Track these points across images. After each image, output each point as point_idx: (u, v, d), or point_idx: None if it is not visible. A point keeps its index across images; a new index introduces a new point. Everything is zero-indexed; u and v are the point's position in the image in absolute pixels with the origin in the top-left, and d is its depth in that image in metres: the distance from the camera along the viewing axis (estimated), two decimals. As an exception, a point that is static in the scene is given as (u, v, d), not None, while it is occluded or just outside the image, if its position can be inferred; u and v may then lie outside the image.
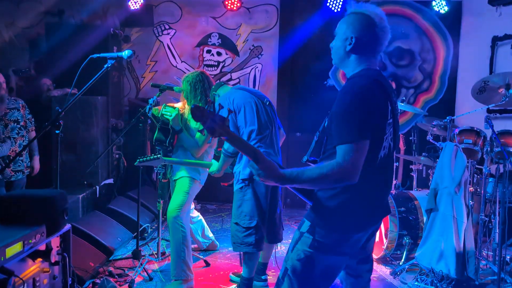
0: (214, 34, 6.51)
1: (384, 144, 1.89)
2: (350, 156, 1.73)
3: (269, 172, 1.79)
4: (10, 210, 1.95)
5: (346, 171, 1.73)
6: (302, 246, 1.91)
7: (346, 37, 1.93)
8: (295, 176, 1.79)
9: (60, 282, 2.08)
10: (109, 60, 2.88)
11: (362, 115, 1.77)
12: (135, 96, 6.56)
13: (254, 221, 3.20)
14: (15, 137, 4.10)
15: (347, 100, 1.80)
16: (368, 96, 1.80)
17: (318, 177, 1.76)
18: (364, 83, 1.84)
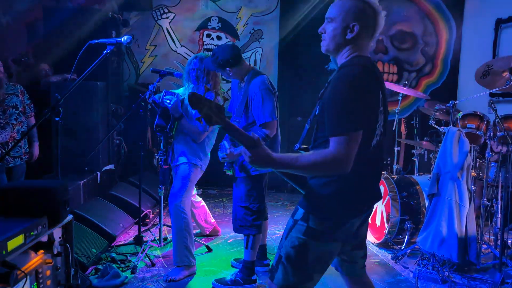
0: (214, 17, 6.42)
1: (377, 132, 1.90)
2: (343, 147, 1.72)
3: (262, 158, 1.79)
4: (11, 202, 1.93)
5: (339, 162, 1.73)
6: (296, 234, 1.93)
7: (347, 25, 1.87)
8: (288, 162, 1.79)
9: (63, 273, 2.08)
10: (108, 46, 2.84)
11: (356, 106, 1.76)
12: (135, 81, 6.51)
13: (263, 205, 3.32)
14: (14, 123, 4.07)
15: (340, 90, 1.78)
16: (361, 86, 1.79)
17: (311, 165, 1.76)
18: (356, 72, 1.81)
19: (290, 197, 6.11)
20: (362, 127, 1.76)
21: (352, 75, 1.80)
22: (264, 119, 3.11)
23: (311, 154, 1.79)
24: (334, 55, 1.97)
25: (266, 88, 3.14)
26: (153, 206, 5.07)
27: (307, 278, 1.97)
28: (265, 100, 3.12)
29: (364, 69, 1.83)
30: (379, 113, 1.88)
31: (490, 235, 4.10)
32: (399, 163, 5.14)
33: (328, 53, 1.98)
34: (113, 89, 5.63)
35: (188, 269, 3.54)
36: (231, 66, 3.20)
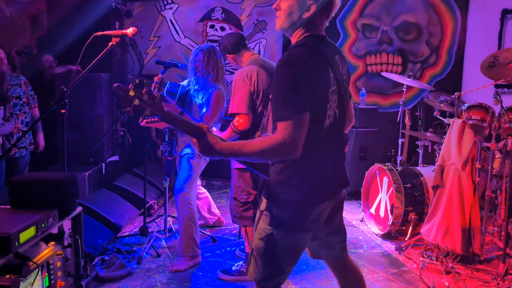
0: (218, 8, 6.39)
1: (329, 112, 1.82)
2: (289, 131, 1.67)
3: (208, 148, 1.75)
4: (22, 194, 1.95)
5: (285, 146, 1.68)
6: (263, 225, 1.89)
7: (303, 3, 1.81)
8: (236, 150, 1.75)
9: (72, 264, 2.11)
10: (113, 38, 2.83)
11: (298, 87, 1.69)
12: (139, 72, 6.50)
13: (251, 196, 3.26)
14: (18, 113, 4.09)
15: (282, 73, 1.73)
16: (304, 66, 1.71)
17: (259, 151, 1.71)
18: (300, 52, 1.76)
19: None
20: (307, 109, 1.70)
21: (293, 56, 1.75)
22: (231, 109, 3.11)
23: (258, 141, 1.75)
24: (289, 34, 1.91)
25: (240, 79, 3.11)
26: (158, 197, 5.10)
27: (278, 270, 1.93)
28: (235, 90, 3.11)
29: (308, 48, 1.77)
30: (331, 93, 1.81)
31: (494, 226, 4.11)
32: (403, 155, 5.15)
33: (282, 31, 1.92)
34: (117, 80, 5.63)
35: (193, 260, 3.57)
36: (229, 53, 3.26)
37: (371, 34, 6.38)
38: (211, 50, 3.52)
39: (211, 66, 3.48)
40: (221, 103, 3.51)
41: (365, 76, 6.46)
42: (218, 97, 3.46)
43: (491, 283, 3.31)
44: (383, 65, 6.41)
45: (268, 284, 1.95)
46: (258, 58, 3.26)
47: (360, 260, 3.78)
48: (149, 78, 5.92)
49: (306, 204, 1.86)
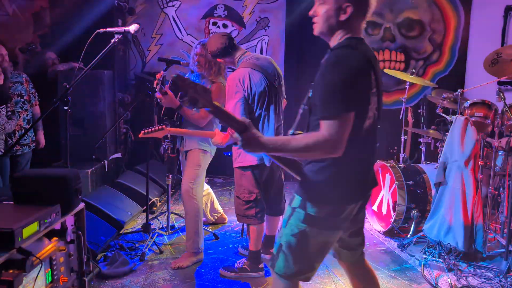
0: (220, 5, 6.38)
1: (369, 114, 1.87)
2: (335, 129, 1.71)
3: (253, 142, 1.76)
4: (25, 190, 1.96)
5: (331, 144, 1.72)
6: (295, 221, 1.92)
7: (339, 6, 1.83)
8: (280, 145, 1.78)
9: (75, 260, 2.12)
10: (116, 35, 2.84)
11: (346, 87, 1.73)
12: (141, 69, 6.50)
13: (253, 195, 3.25)
14: (19, 111, 4.11)
15: (329, 72, 1.77)
16: (351, 67, 1.76)
17: (303, 148, 1.75)
18: (346, 54, 1.80)
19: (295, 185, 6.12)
20: (353, 109, 1.74)
21: (342, 56, 1.79)
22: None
23: (303, 137, 1.78)
24: (328, 38, 1.94)
25: (232, 85, 3.09)
26: (160, 194, 5.11)
27: (308, 266, 1.98)
28: (229, 96, 3.10)
29: (354, 50, 1.81)
30: (372, 95, 1.86)
31: (496, 223, 4.11)
32: (406, 152, 5.13)
33: (321, 36, 1.95)
34: (119, 77, 5.64)
35: (195, 256, 3.58)
36: (221, 57, 3.25)
37: (373, 31, 6.36)
38: None
39: (213, 61, 3.48)
40: (222, 97, 3.49)
41: (368, 73, 6.44)
42: (220, 91, 3.46)
43: (493, 280, 3.30)
44: (385, 62, 6.39)
45: (297, 278, 2.00)
46: (249, 57, 3.22)
47: (362, 257, 3.78)
48: (151, 75, 5.92)
49: (342, 204, 1.90)
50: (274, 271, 2.00)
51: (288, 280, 1.98)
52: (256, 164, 3.21)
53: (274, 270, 2.01)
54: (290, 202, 1.99)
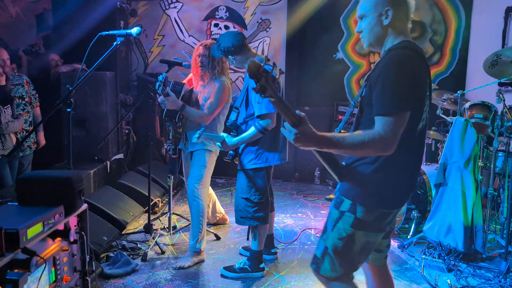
0: (222, 7, 6.42)
1: (423, 116, 1.91)
2: (391, 127, 1.73)
3: (308, 136, 1.73)
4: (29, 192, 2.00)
5: (386, 142, 1.74)
6: (344, 225, 1.94)
7: (380, 12, 1.89)
8: (335, 141, 1.76)
9: (78, 260, 2.15)
10: (118, 38, 2.87)
11: (405, 86, 1.77)
12: (143, 71, 6.54)
13: (264, 197, 3.28)
14: (21, 113, 4.14)
15: (390, 70, 1.79)
16: (411, 67, 1.80)
17: (358, 144, 1.75)
18: (408, 54, 1.83)
19: (297, 186, 6.16)
20: (410, 108, 1.77)
21: (403, 56, 1.82)
22: (260, 111, 3.08)
23: (359, 134, 1.78)
24: (379, 47, 1.97)
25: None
26: (162, 195, 5.14)
27: (353, 268, 2.03)
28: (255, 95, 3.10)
29: (414, 52, 1.85)
30: (426, 97, 1.90)
31: (496, 224, 4.12)
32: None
33: (372, 48, 1.99)
34: (121, 79, 5.67)
35: (197, 257, 3.61)
36: (233, 54, 3.22)
37: (374, 33, 6.38)
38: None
39: (216, 61, 3.50)
40: (226, 94, 3.52)
41: (369, 75, 6.47)
42: (224, 88, 3.49)
43: (493, 280, 3.32)
44: (386, 63, 6.40)
45: (343, 280, 2.03)
46: (260, 58, 3.26)
47: (362, 258, 3.80)
48: (153, 76, 5.95)
49: (392, 206, 1.93)
50: (320, 273, 2.02)
51: (337, 281, 2.02)
52: (272, 165, 3.25)
53: (320, 273, 2.02)
54: (337, 205, 1.99)
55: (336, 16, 6.32)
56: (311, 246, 4.04)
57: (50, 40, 5.82)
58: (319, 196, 5.69)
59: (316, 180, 6.37)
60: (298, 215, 4.92)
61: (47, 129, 4.54)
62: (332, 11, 6.26)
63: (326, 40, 6.29)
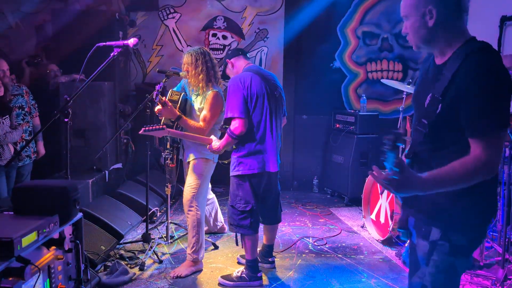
0: (220, 17, 6.48)
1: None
2: (495, 148, 1.55)
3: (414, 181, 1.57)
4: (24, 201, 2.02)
5: (491, 166, 1.56)
6: (440, 256, 1.74)
7: (423, 12, 1.69)
8: (439, 181, 1.58)
9: (73, 268, 2.16)
10: (115, 49, 2.90)
11: (504, 100, 1.55)
12: (142, 80, 6.58)
13: (249, 205, 3.28)
14: (20, 123, 4.17)
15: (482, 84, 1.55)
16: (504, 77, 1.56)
17: (464, 176, 1.56)
18: (496, 60, 1.59)
19: (295, 195, 6.17)
20: (507, 125, 1.57)
21: (493, 65, 1.58)
22: (226, 113, 3.19)
23: (459, 165, 1.57)
24: (430, 48, 1.78)
25: (234, 83, 3.20)
26: (160, 204, 5.15)
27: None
28: (229, 94, 3.18)
29: (497, 54, 1.63)
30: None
31: (493, 232, 4.12)
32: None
33: (420, 49, 1.80)
34: (120, 88, 5.70)
35: (195, 266, 3.61)
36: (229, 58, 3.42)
37: (371, 41, 6.44)
38: (199, 51, 3.54)
39: (200, 67, 3.48)
40: (219, 105, 3.54)
41: (366, 83, 6.51)
42: (216, 99, 3.50)
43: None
44: (383, 72, 6.46)
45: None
46: (253, 66, 3.37)
47: (360, 266, 3.80)
48: (152, 86, 5.98)
49: (485, 227, 1.76)
50: None
51: None
52: (256, 173, 3.24)
53: None
54: (424, 236, 1.78)
55: (332, 25, 6.38)
56: (308, 255, 4.04)
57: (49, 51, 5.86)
58: (317, 204, 5.70)
59: (315, 189, 6.38)
60: (296, 224, 4.92)
61: (46, 139, 4.56)
62: (328, 20, 6.32)
63: (323, 49, 6.34)
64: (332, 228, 4.81)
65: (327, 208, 5.55)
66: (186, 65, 3.55)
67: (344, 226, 4.86)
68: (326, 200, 5.94)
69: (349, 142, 5.70)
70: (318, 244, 4.32)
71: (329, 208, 5.54)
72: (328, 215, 5.28)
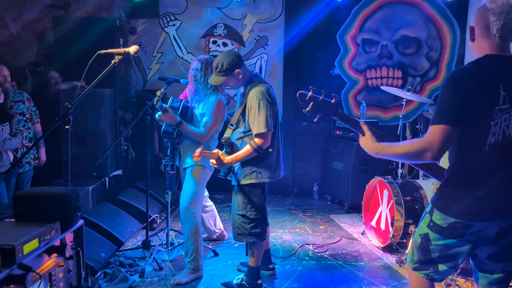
0: (220, 24, 6.51)
1: (493, 130, 1.89)
2: (432, 136, 1.88)
3: (370, 142, 2.11)
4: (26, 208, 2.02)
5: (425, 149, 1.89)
6: (423, 224, 2.10)
7: (468, 29, 2.05)
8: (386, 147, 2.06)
9: (74, 275, 2.16)
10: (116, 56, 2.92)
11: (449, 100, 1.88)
12: (142, 87, 6.60)
13: (260, 213, 3.27)
14: (21, 129, 4.18)
15: (443, 86, 1.95)
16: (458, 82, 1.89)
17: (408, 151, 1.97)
18: (459, 69, 1.96)
19: (296, 201, 6.16)
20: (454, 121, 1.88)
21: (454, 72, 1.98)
22: (258, 129, 3.09)
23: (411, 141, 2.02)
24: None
25: (264, 98, 3.11)
26: (160, 211, 5.14)
27: (429, 264, 2.09)
28: (260, 110, 3.08)
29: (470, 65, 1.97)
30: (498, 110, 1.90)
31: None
32: (404, 168, 5.18)
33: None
34: (120, 95, 5.72)
35: (195, 273, 3.60)
36: (239, 67, 3.17)
37: (371, 49, 6.47)
38: (209, 60, 3.57)
39: (209, 75, 3.47)
40: (221, 112, 3.55)
41: (366, 90, 6.53)
42: (219, 106, 3.52)
43: (491, 295, 3.31)
44: (383, 79, 6.48)
45: (420, 272, 2.14)
46: (257, 73, 3.32)
47: (360, 273, 3.80)
48: (152, 93, 5.99)
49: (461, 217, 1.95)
50: (406, 261, 2.26)
51: (415, 272, 2.15)
52: (267, 181, 3.25)
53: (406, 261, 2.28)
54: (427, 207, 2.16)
55: (332, 32, 6.41)
56: (309, 262, 4.04)
57: (50, 58, 5.88)
58: (317, 211, 5.70)
59: (315, 196, 6.38)
60: (297, 231, 4.92)
61: (47, 146, 4.57)
62: (328, 28, 6.35)
63: (323, 57, 6.36)
64: (332, 235, 4.81)
65: (327, 215, 5.55)
66: (196, 71, 3.56)
67: (344, 233, 4.86)
68: (326, 207, 5.93)
69: (349, 149, 5.70)
70: (318, 251, 4.32)
71: (329, 215, 5.53)
72: (328, 222, 5.28)
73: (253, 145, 3.10)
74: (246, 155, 3.13)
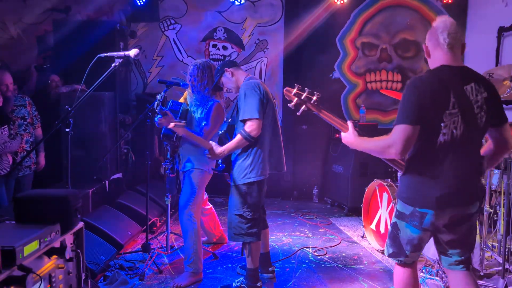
0: (220, 28, 6.53)
1: (444, 131, 2.15)
2: (395, 134, 2.11)
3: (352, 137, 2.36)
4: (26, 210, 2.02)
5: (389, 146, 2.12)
6: (393, 214, 2.39)
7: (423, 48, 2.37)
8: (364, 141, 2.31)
9: (74, 277, 2.16)
10: (116, 59, 2.93)
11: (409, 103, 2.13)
12: (142, 91, 6.61)
13: (257, 213, 3.28)
14: (22, 133, 4.18)
15: (405, 89, 2.20)
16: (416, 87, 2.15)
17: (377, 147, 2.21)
18: (418, 76, 2.23)
19: (295, 204, 6.16)
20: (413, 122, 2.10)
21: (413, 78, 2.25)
22: (243, 115, 3.12)
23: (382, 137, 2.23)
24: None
25: (250, 88, 3.17)
26: (160, 214, 5.14)
27: (399, 251, 2.36)
28: (247, 97, 3.13)
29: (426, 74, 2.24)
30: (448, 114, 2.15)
31: (493, 242, 4.12)
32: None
33: None
34: (121, 99, 5.73)
35: (195, 276, 3.60)
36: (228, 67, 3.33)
37: (370, 52, 6.49)
38: (205, 64, 3.58)
39: (206, 80, 3.53)
40: (220, 116, 3.57)
41: (365, 93, 6.55)
42: (218, 110, 3.53)
43: (491, 298, 3.32)
44: (382, 82, 6.50)
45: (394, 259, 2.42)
46: (254, 76, 3.37)
47: (360, 276, 3.80)
48: (152, 96, 6.01)
49: (418, 205, 2.23)
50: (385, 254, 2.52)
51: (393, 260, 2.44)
52: (263, 179, 3.26)
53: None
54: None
55: (332, 36, 6.43)
56: (309, 265, 4.04)
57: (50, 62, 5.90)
58: (317, 214, 5.70)
59: (315, 199, 6.38)
60: (296, 234, 4.92)
61: (47, 149, 4.57)
62: (328, 31, 6.38)
63: (323, 60, 6.38)
64: (332, 238, 4.81)
65: (327, 218, 5.55)
66: (192, 77, 3.57)
67: (344, 236, 4.86)
68: (326, 210, 5.94)
69: (349, 152, 5.71)
70: (318, 254, 4.32)
71: (329, 218, 5.53)
72: (328, 225, 5.28)
73: (243, 133, 3.12)
74: (237, 144, 3.15)
